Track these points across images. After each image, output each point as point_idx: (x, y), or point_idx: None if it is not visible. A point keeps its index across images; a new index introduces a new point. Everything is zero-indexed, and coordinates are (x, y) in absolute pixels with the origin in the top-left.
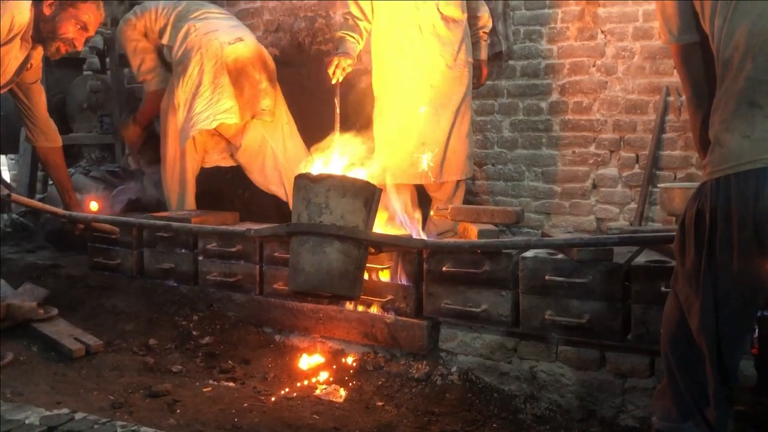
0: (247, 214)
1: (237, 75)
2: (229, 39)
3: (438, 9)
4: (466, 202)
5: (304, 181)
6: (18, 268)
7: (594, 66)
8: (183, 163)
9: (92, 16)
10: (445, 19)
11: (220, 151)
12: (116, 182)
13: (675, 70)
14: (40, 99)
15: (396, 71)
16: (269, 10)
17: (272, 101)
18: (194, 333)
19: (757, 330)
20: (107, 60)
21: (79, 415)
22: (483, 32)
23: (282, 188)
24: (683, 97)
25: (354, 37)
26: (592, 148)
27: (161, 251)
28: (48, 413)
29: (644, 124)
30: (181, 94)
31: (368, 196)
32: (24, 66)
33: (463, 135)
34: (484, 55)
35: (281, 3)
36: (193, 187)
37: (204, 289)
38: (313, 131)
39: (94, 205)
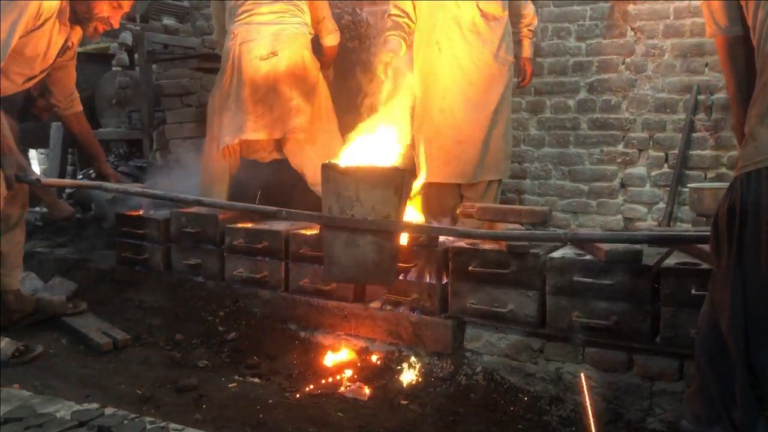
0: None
1: (267, 91)
2: (262, 53)
3: (478, 6)
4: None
5: (332, 173)
6: (48, 261)
7: (623, 64)
8: (217, 163)
9: None
10: (485, 16)
11: (257, 152)
12: (144, 177)
13: (706, 69)
14: (72, 74)
15: (435, 69)
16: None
17: (306, 118)
18: (220, 329)
19: None
20: (136, 56)
21: (108, 411)
22: (528, 30)
23: None
24: (714, 96)
25: (397, 35)
26: (620, 147)
27: (188, 247)
28: (78, 407)
29: (674, 123)
30: (217, 100)
31: (398, 183)
32: (64, 48)
33: (500, 134)
34: (529, 53)
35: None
36: (226, 185)
37: (230, 285)
38: (342, 131)
39: None
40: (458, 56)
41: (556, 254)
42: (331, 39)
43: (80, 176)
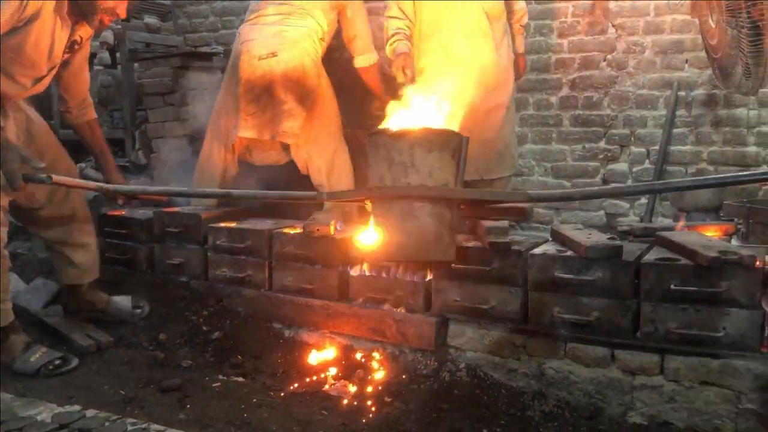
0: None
1: (261, 91)
2: (261, 52)
3: (483, 9)
4: None
5: (383, 138)
6: (30, 263)
7: (605, 60)
8: (214, 163)
9: None
10: (489, 18)
11: (266, 151)
12: (126, 177)
13: (686, 65)
14: (85, 77)
15: (443, 73)
16: None
17: (297, 123)
18: (204, 328)
19: None
20: (117, 55)
21: (90, 412)
22: (520, 26)
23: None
24: (694, 92)
25: (402, 38)
26: (602, 143)
27: (171, 246)
28: (60, 410)
29: (655, 119)
30: (220, 101)
31: (455, 146)
32: (71, 44)
33: (512, 130)
34: (522, 48)
35: None
36: (218, 185)
37: (214, 284)
38: None
39: None
40: (467, 60)
41: (538, 250)
42: (360, 60)
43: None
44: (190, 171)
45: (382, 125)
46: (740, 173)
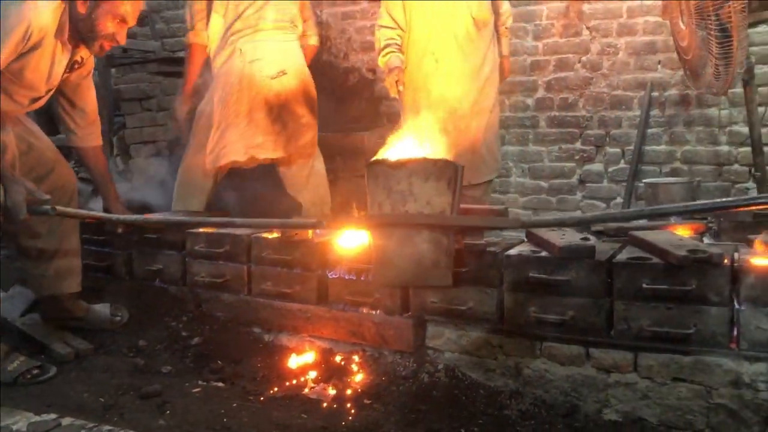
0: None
1: (279, 110)
2: (272, 72)
3: (471, 14)
4: None
5: (382, 168)
6: (8, 270)
7: (579, 62)
8: (200, 174)
9: (129, 6)
10: (477, 24)
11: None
12: None
13: (659, 66)
14: (91, 95)
15: (433, 80)
16: None
17: (314, 133)
18: (183, 334)
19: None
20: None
21: (66, 420)
22: (505, 28)
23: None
24: (667, 93)
25: (394, 50)
26: (578, 144)
27: (150, 252)
28: (36, 419)
29: (629, 120)
30: (217, 116)
31: (451, 175)
32: (71, 65)
33: (495, 133)
34: (506, 50)
35: None
36: (205, 197)
37: (193, 289)
38: None
39: None
40: (456, 66)
41: (513, 251)
42: (315, 39)
43: None
44: (170, 177)
45: (380, 155)
46: (731, 199)
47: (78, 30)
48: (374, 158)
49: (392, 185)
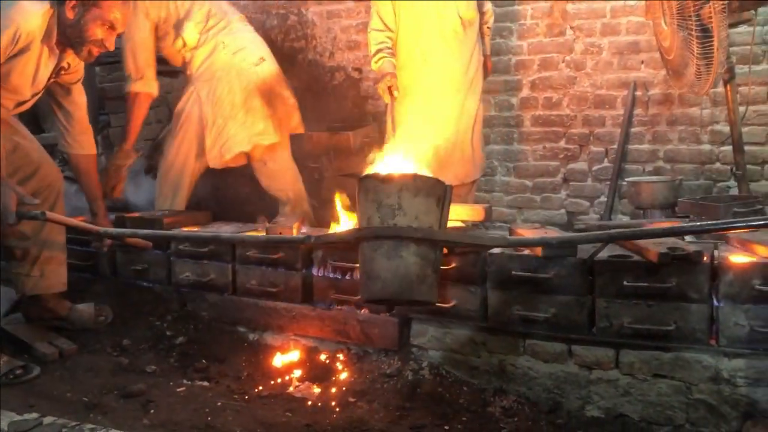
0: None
1: (268, 95)
2: (254, 59)
3: (458, 14)
4: None
5: (372, 182)
6: None
7: (563, 62)
8: (185, 170)
9: (119, 12)
10: (464, 23)
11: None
12: None
13: (642, 66)
14: (80, 100)
15: (420, 79)
16: (240, 8)
17: (299, 114)
18: (168, 333)
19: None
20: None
21: (47, 420)
22: (487, 27)
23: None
24: (650, 92)
25: (386, 55)
26: (562, 143)
27: (134, 252)
28: (17, 418)
29: (613, 119)
30: (210, 113)
31: (440, 194)
32: (58, 70)
33: (480, 132)
34: (488, 49)
35: (253, 2)
36: (187, 192)
37: (177, 289)
38: None
39: None
40: (445, 64)
41: (496, 250)
42: None
43: None
44: (156, 175)
45: (371, 170)
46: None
47: (66, 35)
48: (366, 173)
49: (382, 199)
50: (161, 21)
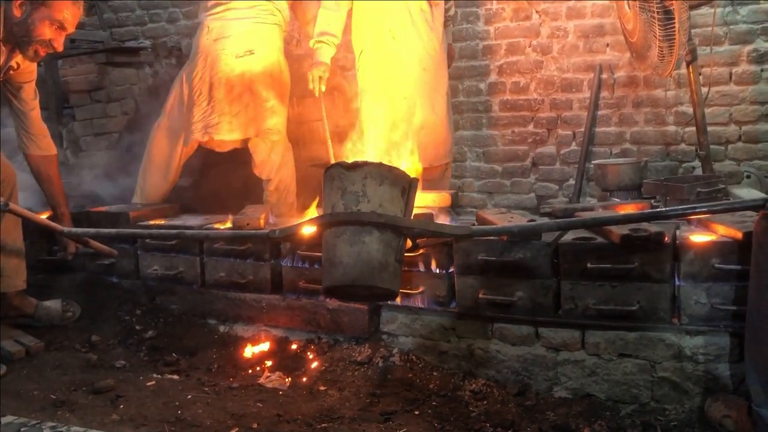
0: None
1: (242, 90)
2: (238, 51)
3: None
4: None
5: (338, 170)
6: None
7: (530, 46)
8: (165, 155)
9: (68, 13)
10: (431, 4)
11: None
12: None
13: (608, 48)
14: (32, 101)
15: (388, 57)
16: None
17: (281, 120)
18: (137, 327)
19: None
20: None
21: (6, 419)
22: (449, 15)
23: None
24: (616, 75)
25: (325, 41)
26: (530, 127)
27: None
28: None
29: (580, 102)
30: (186, 93)
31: (405, 185)
32: (5, 69)
33: (449, 116)
34: (449, 37)
35: None
36: (172, 176)
37: (146, 283)
38: None
39: None
40: (412, 45)
41: None
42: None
43: None
44: (122, 169)
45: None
46: (725, 202)
47: (12, 33)
48: (333, 163)
49: (347, 186)
50: None
